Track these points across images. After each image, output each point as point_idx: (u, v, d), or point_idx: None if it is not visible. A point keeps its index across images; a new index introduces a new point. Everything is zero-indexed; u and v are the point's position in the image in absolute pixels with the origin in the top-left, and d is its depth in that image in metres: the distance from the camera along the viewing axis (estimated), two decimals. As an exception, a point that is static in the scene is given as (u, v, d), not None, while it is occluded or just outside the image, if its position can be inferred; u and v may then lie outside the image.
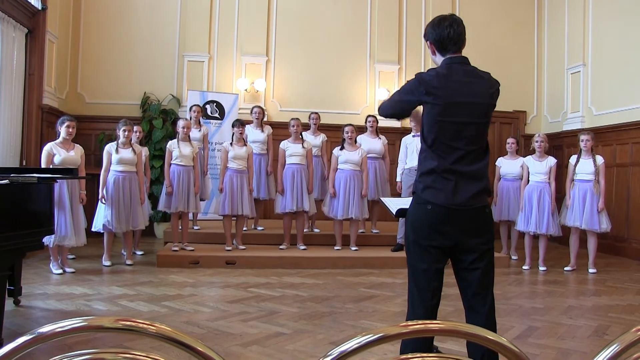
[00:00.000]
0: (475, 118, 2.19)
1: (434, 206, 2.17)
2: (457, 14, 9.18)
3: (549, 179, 6.16)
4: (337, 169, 6.39)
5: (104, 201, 5.62)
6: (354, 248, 6.48)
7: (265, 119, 7.47)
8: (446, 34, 2.23)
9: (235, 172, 6.14)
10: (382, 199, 3.05)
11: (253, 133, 6.79)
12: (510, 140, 6.84)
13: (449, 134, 2.17)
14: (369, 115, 7.10)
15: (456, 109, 2.15)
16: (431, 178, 2.20)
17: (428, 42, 2.31)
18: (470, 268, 2.21)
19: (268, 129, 7.01)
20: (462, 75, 2.20)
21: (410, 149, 6.44)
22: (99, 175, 5.78)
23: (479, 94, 2.20)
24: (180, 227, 6.22)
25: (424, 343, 2.10)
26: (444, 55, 2.27)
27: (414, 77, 2.26)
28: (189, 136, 6.21)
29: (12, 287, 3.98)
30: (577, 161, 6.03)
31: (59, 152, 5.26)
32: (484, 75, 2.27)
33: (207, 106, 7.89)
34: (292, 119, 6.51)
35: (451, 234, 2.17)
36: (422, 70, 2.42)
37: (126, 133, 5.73)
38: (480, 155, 2.22)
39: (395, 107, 2.33)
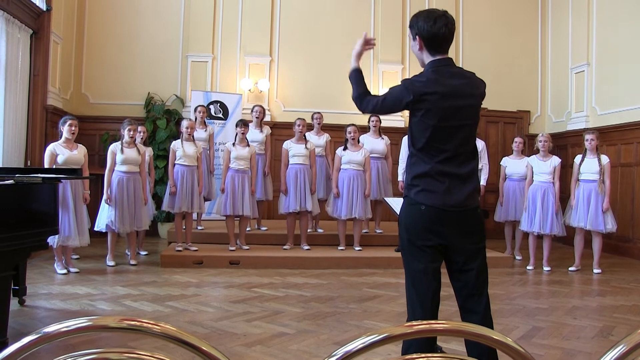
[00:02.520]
0: (466, 120, 2.19)
1: (427, 207, 2.17)
2: (460, 15, 9.19)
3: (553, 178, 6.13)
4: (340, 169, 6.39)
5: (109, 202, 5.63)
6: (357, 248, 6.47)
7: (266, 119, 7.46)
8: (442, 33, 2.17)
9: (237, 172, 6.14)
10: (385, 199, 3.05)
11: (252, 133, 6.75)
12: (517, 139, 6.82)
13: (441, 138, 2.16)
14: (372, 115, 7.08)
15: (449, 113, 2.14)
16: (424, 181, 2.19)
17: (417, 36, 2.22)
18: (464, 269, 2.21)
19: (267, 129, 7.01)
20: (450, 78, 2.18)
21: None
22: (102, 175, 5.79)
23: (468, 96, 2.19)
24: (184, 227, 6.23)
25: (427, 344, 2.09)
26: (433, 55, 2.22)
27: (401, 84, 2.21)
28: (192, 136, 6.21)
29: (16, 287, 4.00)
30: (582, 161, 6.01)
31: (62, 152, 5.27)
32: (470, 75, 2.25)
33: (211, 106, 7.90)
34: (298, 118, 6.51)
35: (444, 234, 2.17)
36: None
37: (131, 133, 5.74)
38: (470, 157, 2.23)
39: (383, 107, 2.29)
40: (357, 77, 2.38)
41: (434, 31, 2.17)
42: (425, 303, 2.19)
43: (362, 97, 2.34)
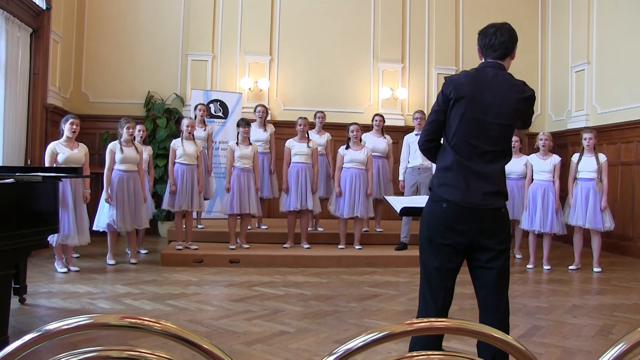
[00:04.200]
0: (497, 119, 2.18)
1: (449, 204, 2.18)
2: (460, 13, 9.18)
3: (553, 177, 6.14)
4: (342, 167, 6.38)
5: (110, 201, 5.62)
6: (357, 247, 6.47)
7: (268, 118, 7.48)
8: (487, 40, 2.28)
9: (242, 171, 6.15)
10: (386, 197, 3.05)
11: (256, 132, 6.79)
12: (514, 138, 6.81)
13: (470, 131, 2.18)
14: (376, 114, 7.09)
15: (479, 106, 2.17)
16: (447, 175, 2.22)
17: (477, 46, 2.37)
18: (485, 267, 2.21)
19: (271, 128, 7.02)
20: (491, 77, 2.23)
21: (413, 147, 6.42)
22: (102, 174, 5.79)
23: (505, 97, 2.19)
24: (184, 226, 6.23)
25: (434, 341, 2.11)
26: (485, 59, 2.32)
27: (444, 81, 2.32)
28: (192, 135, 6.21)
29: (17, 286, 3.99)
30: (580, 159, 6.01)
31: (62, 150, 5.27)
32: (517, 82, 2.26)
33: (211, 105, 7.90)
34: (299, 117, 6.51)
35: (466, 232, 2.17)
36: (425, 69, 2.45)
37: (130, 130, 5.73)
38: (498, 157, 2.22)
39: (430, 115, 2.33)
40: None
41: (486, 38, 2.30)
42: (437, 300, 2.21)
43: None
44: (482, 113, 2.17)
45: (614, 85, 7.63)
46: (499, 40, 2.26)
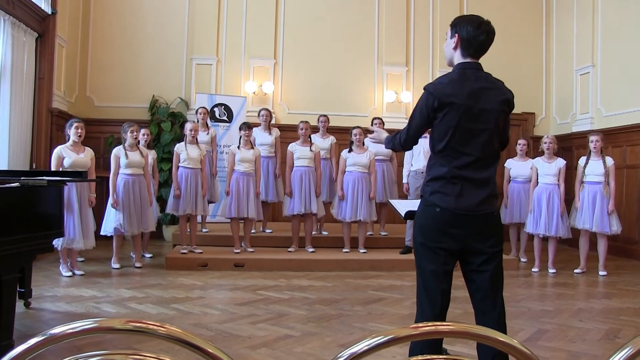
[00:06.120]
0: (487, 125, 2.17)
1: (442, 209, 2.17)
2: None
3: (558, 180, 6.11)
4: (345, 171, 6.38)
5: (116, 206, 5.64)
6: (362, 250, 6.46)
7: (273, 122, 7.49)
8: (481, 39, 2.19)
9: (242, 174, 6.15)
10: (390, 201, 3.05)
11: (261, 136, 6.81)
12: (520, 141, 6.81)
13: (461, 140, 2.16)
14: (375, 118, 7.08)
15: (469, 115, 2.14)
16: (439, 184, 2.20)
17: (456, 34, 2.22)
18: (479, 270, 2.20)
19: (276, 132, 7.03)
20: (475, 81, 2.18)
21: (417, 150, 6.41)
22: (107, 178, 5.81)
23: (491, 101, 2.18)
24: (188, 230, 6.24)
25: (433, 345, 2.10)
26: (464, 57, 2.23)
27: (424, 91, 2.23)
28: (196, 139, 6.22)
29: (22, 290, 4.01)
30: (587, 162, 5.98)
31: (68, 155, 5.29)
32: (497, 82, 2.25)
33: (216, 109, 7.92)
34: (301, 121, 6.52)
35: (459, 237, 2.17)
36: (429, 73, 2.41)
37: (134, 134, 5.75)
38: (490, 162, 2.22)
39: (411, 128, 2.29)
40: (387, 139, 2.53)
41: (474, 34, 2.19)
42: (434, 304, 2.20)
43: (390, 141, 2.46)
44: (473, 122, 2.15)
45: (619, 88, 7.60)
46: (489, 41, 2.20)
